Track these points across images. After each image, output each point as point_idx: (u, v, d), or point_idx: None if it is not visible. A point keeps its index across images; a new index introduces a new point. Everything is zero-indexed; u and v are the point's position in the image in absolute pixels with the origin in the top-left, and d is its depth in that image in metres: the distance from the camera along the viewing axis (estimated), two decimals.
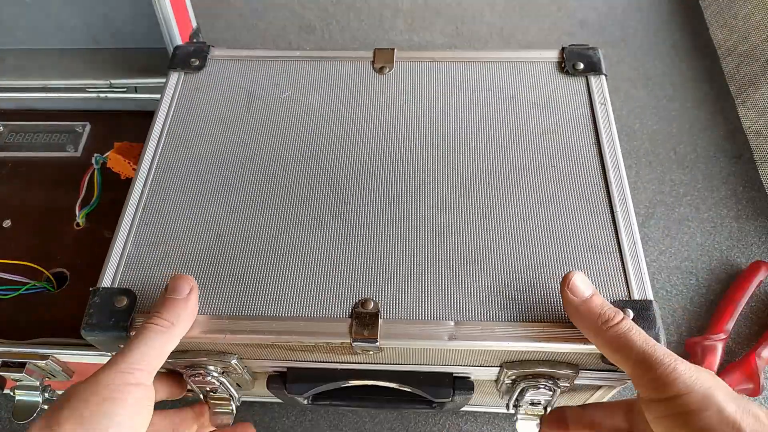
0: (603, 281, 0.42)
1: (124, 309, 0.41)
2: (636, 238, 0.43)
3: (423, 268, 0.43)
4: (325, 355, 0.43)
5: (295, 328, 0.41)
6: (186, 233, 0.45)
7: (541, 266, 0.42)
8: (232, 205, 0.46)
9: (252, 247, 0.44)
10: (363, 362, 0.44)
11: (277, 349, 0.42)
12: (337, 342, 0.40)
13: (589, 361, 0.42)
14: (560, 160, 0.47)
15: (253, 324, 0.41)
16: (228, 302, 0.42)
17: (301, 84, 0.53)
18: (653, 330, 0.39)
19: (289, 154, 0.49)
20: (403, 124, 0.50)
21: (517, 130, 0.49)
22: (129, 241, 0.44)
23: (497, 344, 0.40)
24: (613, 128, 0.49)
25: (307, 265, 0.43)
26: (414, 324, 0.40)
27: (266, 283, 0.43)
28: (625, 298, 0.41)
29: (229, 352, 0.43)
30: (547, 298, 0.41)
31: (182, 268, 0.43)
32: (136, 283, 0.43)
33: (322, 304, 0.41)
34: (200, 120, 0.51)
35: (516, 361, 0.42)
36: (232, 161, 0.48)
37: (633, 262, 0.42)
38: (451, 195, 0.46)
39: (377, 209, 0.45)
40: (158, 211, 0.46)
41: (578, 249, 0.43)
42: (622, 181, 0.46)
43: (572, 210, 0.45)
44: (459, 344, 0.40)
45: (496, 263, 0.43)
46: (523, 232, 0.44)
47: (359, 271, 0.43)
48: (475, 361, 0.43)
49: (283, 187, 0.47)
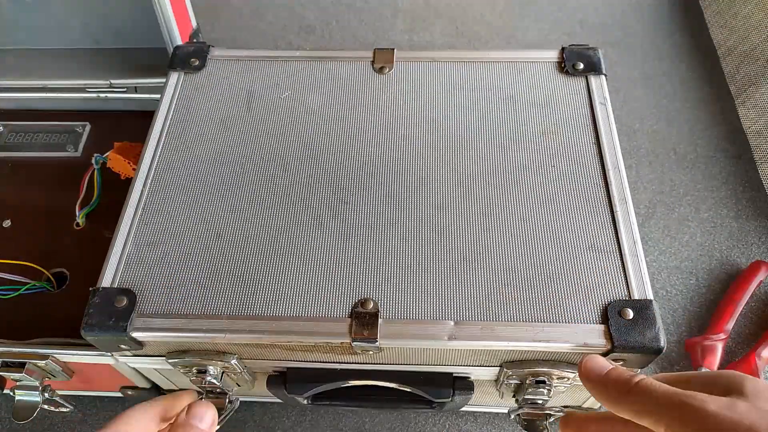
0: (603, 281, 0.42)
1: (124, 309, 0.41)
2: (636, 238, 0.43)
3: (422, 267, 0.43)
4: (324, 354, 0.43)
5: (294, 328, 0.41)
6: (186, 233, 0.45)
7: (541, 267, 0.42)
8: (232, 204, 0.46)
9: (251, 246, 0.44)
10: (363, 362, 0.44)
11: (277, 349, 0.42)
12: (336, 342, 0.40)
13: None
14: (560, 161, 0.47)
15: (252, 324, 0.41)
16: (228, 302, 0.42)
17: (301, 84, 0.53)
18: (653, 330, 0.39)
19: (289, 154, 0.49)
20: (402, 124, 0.50)
21: (516, 130, 0.49)
22: (129, 241, 0.44)
23: (497, 344, 0.40)
24: (613, 128, 0.49)
25: (307, 264, 0.43)
26: (414, 324, 0.40)
27: (266, 282, 0.43)
28: (625, 297, 0.41)
29: (228, 352, 0.43)
30: (546, 298, 0.41)
31: (182, 268, 0.43)
32: (136, 283, 0.43)
33: (321, 304, 0.41)
34: (200, 120, 0.51)
35: (516, 360, 0.42)
36: (231, 161, 0.48)
37: (633, 261, 0.42)
38: (450, 195, 0.46)
39: (376, 209, 0.46)
40: (158, 210, 0.46)
41: (578, 249, 0.43)
42: (622, 181, 0.46)
43: (572, 210, 0.45)
44: (459, 344, 0.40)
45: (496, 263, 0.43)
46: (522, 233, 0.44)
47: (358, 270, 0.43)
48: (474, 361, 0.44)
49: (282, 187, 0.47)
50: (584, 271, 0.42)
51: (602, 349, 0.40)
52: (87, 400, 0.58)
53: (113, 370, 0.49)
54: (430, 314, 0.41)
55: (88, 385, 0.55)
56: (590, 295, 0.41)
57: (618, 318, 0.40)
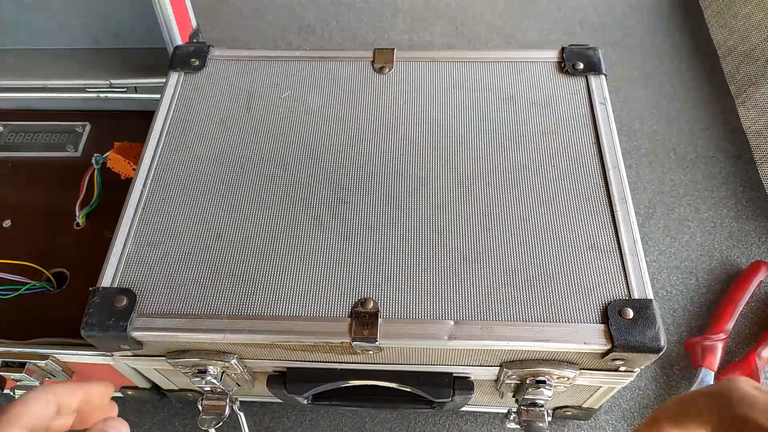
0: (603, 281, 0.42)
1: (124, 309, 0.41)
2: (636, 238, 0.43)
3: (422, 267, 0.43)
4: (324, 354, 0.43)
5: (294, 327, 0.41)
6: (186, 233, 0.45)
7: (541, 266, 0.42)
8: (232, 204, 0.46)
9: (251, 246, 0.44)
10: (362, 362, 0.44)
11: (277, 349, 0.42)
12: (336, 342, 0.40)
13: (589, 361, 0.42)
14: (560, 160, 0.47)
15: (252, 323, 0.41)
16: (227, 301, 0.42)
17: (301, 84, 0.53)
18: (653, 329, 0.39)
19: (288, 154, 0.49)
20: (402, 124, 0.50)
21: (516, 130, 0.49)
22: (129, 241, 0.44)
23: (497, 344, 0.40)
24: (612, 128, 0.49)
25: (306, 264, 0.43)
26: (413, 323, 0.40)
27: (265, 282, 0.43)
28: (625, 297, 0.41)
29: (228, 352, 0.43)
30: (546, 297, 0.41)
31: (182, 268, 0.43)
32: (136, 282, 0.43)
33: (321, 304, 0.41)
34: (200, 120, 0.51)
35: (516, 360, 0.42)
36: (231, 161, 0.48)
37: (633, 261, 0.42)
38: (450, 194, 0.46)
39: (376, 209, 0.46)
40: (158, 210, 0.46)
41: (578, 249, 0.43)
42: (622, 181, 0.46)
43: (572, 210, 0.45)
44: (459, 344, 0.40)
45: (496, 263, 0.43)
46: (522, 232, 0.44)
47: (358, 270, 0.43)
48: (474, 361, 0.44)
49: (282, 187, 0.47)
50: (584, 270, 0.42)
51: (602, 349, 0.39)
52: None
53: (113, 370, 0.49)
54: (430, 314, 0.41)
55: None
56: (590, 294, 0.41)
57: (618, 317, 0.40)
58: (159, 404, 0.58)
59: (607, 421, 0.57)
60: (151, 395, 0.56)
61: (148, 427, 0.57)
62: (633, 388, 0.58)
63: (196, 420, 0.54)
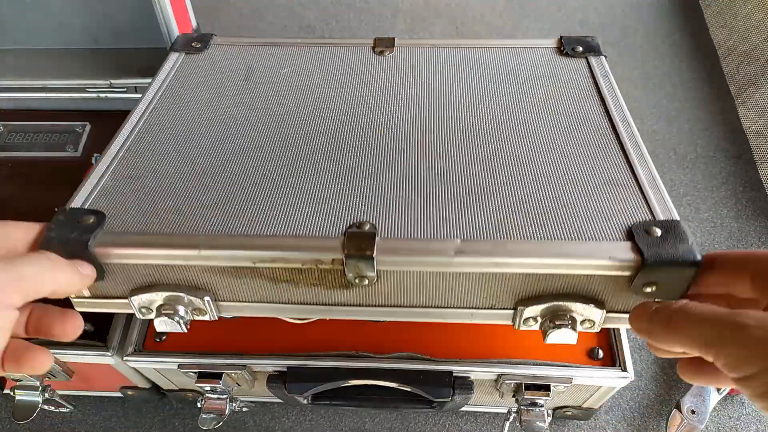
0: (623, 208, 0.37)
1: (90, 225, 0.36)
2: (654, 173, 0.39)
3: (425, 195, 0.39)
4: (313, 288, 0.38)
5: (281, 243, 0.35)
6: (169, 169, 0.41)
7: (558, 196, 0.38)
8: (221, 148, 0.43)
9: (238, 178, 0.40)
10: (357, 304, 0.39)
11: (258, 279, 0.37)
12: (327, 259, 0.35)
13: (617, 291, 0.36)
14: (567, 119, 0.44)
15: (233, 240, 0.36)
16: (208, 224, 0.37)
17: (301, 62, 0.52)
18: (686, 243, 0.34)
19: (284, 113, 0.46)
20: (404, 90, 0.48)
21: (521, 95, 0.47)
22: (107, 174, 0.40)
23: (510, 260, 0.34)
24: (617, 93, 0.47)
25: (298, 187, 0.39)
26: (416, 241, 0.35)
27: (251, 205, 0.38)
28: (649, 219, 0.36)
29: (201, 288, 0.38)
30: (564, 221, 0.36)
31: (160, 197, 0.39)
32: (108, 208, 0.38)
33: (312, 225, 0.37)
34: (197, 86, 0.48)
35: (532, 297, 0.37)
36: (224, 117, 0.46)
37: (653, 190, 0.38)
38: (464, 133, 0.43)
39: (380, 138, 0.43)
40: (142, 151, 0.42)
41: (594, 183, 0.39)
42: (633, 131, 0.43)
43: (584, 153, 0.41)
44: (467, 261, 0.34)
45: (507, 195, 0.38)
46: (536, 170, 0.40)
47: (355, 193, 0.39)
48: (486, 297, 0.37)
49: (275, 136, 0.44)
50: (602, 199, 0.37)
51: (631, 264, 0.34)
52: (87, 400, 0.58)
53: (113, 370, 0.49)
54: (435, 235, 0.36)
55: (88, 385, 0.55)
56: (611, 219, 0.36)
57: (645, 236, 0.34)
58: (159, 404, 0.58)
59: (607, 421, 0.57)
60: (151, 395, 0.56)
61: (148, 427, 0.57)
62: (633, 388, 0.58)
63: (196, 420, 0.54)
